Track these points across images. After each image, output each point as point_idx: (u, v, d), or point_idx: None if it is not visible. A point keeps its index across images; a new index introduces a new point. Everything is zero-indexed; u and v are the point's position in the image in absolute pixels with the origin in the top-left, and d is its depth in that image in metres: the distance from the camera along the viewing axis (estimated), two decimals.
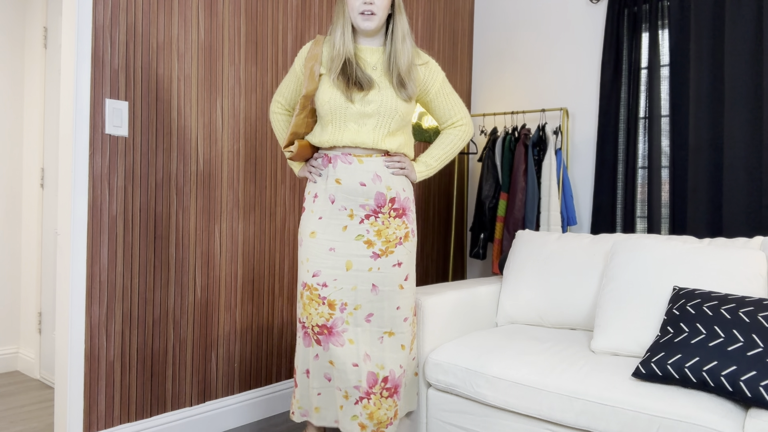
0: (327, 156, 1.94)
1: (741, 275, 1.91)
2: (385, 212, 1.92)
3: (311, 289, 1.90)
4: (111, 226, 2.17)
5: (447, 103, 2.03)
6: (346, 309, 1.89)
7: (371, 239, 1.90)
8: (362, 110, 1.87)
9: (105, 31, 2.14)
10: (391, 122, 1.90)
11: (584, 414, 1.69)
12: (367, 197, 1.90)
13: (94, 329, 2.13)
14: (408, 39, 1.91)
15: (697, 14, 2.86)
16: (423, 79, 1.98)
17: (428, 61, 2.00)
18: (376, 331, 1.91)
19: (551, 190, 3.12)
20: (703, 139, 2.83)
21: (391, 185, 1.93)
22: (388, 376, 1.90)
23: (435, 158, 2.04)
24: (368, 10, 1.84)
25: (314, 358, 1.93)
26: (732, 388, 1.55)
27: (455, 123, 2.05)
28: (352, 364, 1.87)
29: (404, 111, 1.91)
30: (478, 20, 3.87)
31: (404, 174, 1.97)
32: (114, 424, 2.20)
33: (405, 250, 1.94)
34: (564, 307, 2.30)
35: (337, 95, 1.87)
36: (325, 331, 1.88)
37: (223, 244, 2.53)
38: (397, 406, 1.93)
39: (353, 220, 1.90)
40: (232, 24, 2.54)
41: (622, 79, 3.14)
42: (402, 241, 1.93)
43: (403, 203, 1.95)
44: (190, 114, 2.40)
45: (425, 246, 3.59)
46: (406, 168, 1.96)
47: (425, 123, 3.52)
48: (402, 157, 1.96)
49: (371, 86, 1.87)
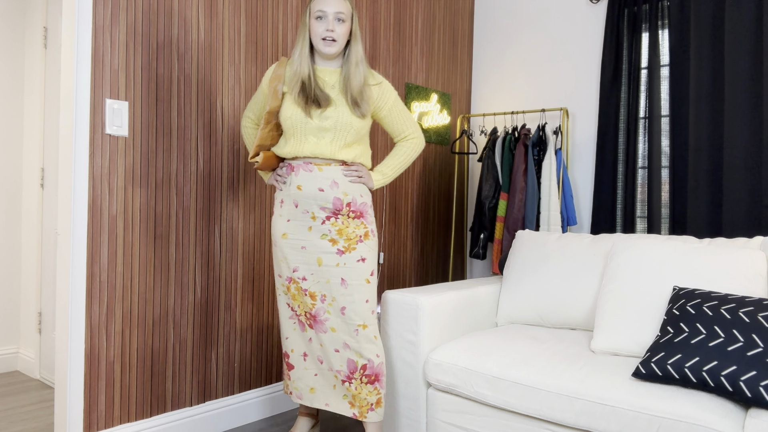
0: (290, 165, 2.14)
1: (741, 275, 1.92)
2: (344, 214, 2.11)
3: (295, 281, 2.13)
4: (111, 226, 2.17)
5: (399, 119, 2.24)
6: (326, 300, 2.10)
7: (334, 237, 2.10)
8: (320, 125, 2.07)
9: (105, 31, 2.14)
10: (346, 136, 2.10)
11: (584, 414, 1.69)
12: (326, 201, 2.10)
13: (94, 329, 2.13)
14: (361, 65, 2.11)
15: (697, 14, 2.86)
16: (376, 98, 2.17)
17: (381, 81, 2.19)
18: (351, 324, 2.07)
19: (551, 190, 3.12)
20: (703, 139, 2.84)
21: (348, 191, 2.12)
22: (366, 365, 2.07)
23: (390, 168, 2.25)
24: (329, 36, 2.05)
25: (309, 342, 2.16)
26: (732, 388, 1.55)
27: (407, 137, 2.27)
28: (334, 350, 2.10)
29: (359, 126, 2.11)
30: (478, 20, 3.87)
31: (362, 182, 2.16)
32: (114, 424, 2.20)
33: (366, 247, 2.12)
34: (564, 307, 2.30)
35: (298, 112, 2.07)
36: (311, 318, 2.13)
37: (223, 244, 2.53)
38: (380, 394, 2.08)
39: (315, 221, 2.11)
40: (232, 24, 2.54)
41: (622, 79, 3.14)
42: (362, 239, 2.12)
43: (360, 207, 2.14)
44: (190, 114, 2.40)
45: (425, 246, 3.59)
46: (363, 177, 2.15)
47: (425, 123, 3.52)
48: (359, 166, 2.16)
49: (328, 103, 2.07)
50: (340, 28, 2.05)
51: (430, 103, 3.55)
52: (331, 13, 2.04)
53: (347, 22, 2.07)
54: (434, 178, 3.64)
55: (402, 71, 3.37)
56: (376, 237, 2.18)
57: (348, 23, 2.08)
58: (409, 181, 3.45)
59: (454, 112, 3.77)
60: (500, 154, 3.32)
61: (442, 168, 3.70)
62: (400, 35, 3.35)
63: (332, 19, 2.04)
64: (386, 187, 3.28)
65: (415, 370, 2.14)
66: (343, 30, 2.06)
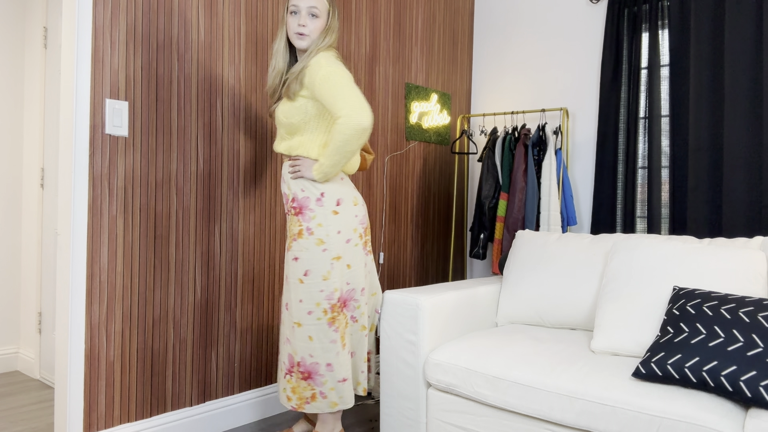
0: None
1: (741, 275, 1.91)
2: (288, 209, 2.16)
3: None
4: (111, 226, 2.17)
5: (329, 98, 1.96)
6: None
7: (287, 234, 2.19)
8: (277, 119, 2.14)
9: (105, 31, 2.14)
10: (283, 130, 2.12)
11: (584, 414, 1.69)
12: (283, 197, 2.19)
13: (94, 329, 2.13)
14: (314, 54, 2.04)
15: (697, 14, 2.86)
16: (308, 81, 2.02)
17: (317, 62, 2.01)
18: (290, 321, 2.12)
19: (551, 190, 3.12)
20: (703, 139, 2.83)
21: (291, 186, 2.13)
22: (300, 362, 2.10)
23: (325, 156, 2.03)
24: (300, 32, 2.06)
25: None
26: (732, 388, 1.55)
27: (337, 118, 1.96)
28: (283, 342, 2.18)
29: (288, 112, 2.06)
30: (478, 20, 3.87)
31: (298, 176, 2.09)
32: (114, 424, 2.20)
33: (299, 246, 2.09)
34: (564, 307, 2.30)
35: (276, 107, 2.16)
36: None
37: (223, 244, 2.53)
38: (315, 390, 2.10)
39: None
40: (232, 24, 2.54)
41: (622, 79, 3.14)
42: (296, 238, 2.10)
43: (301, 202, 2.10)
44: (190, 114, 2.40)
45: (425, 246, 3.59)
46: (300, 170, 2.09)
47: (425, 123, 3.52)
48: (300, 159, 2.10)
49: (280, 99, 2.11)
50: (312, 23, 2.05)
51: (430, 103, 3.55)
52: (304, 8, 2.05)
53: (321, 17, 2.07)
54: (434, 178, 3.64)
55: (402, 71, 3.37)
56: (312, 235, 2.08)
57: (323, 19, 2.08)
58: (409, 181, 3.45)
59: (454, 112, 3.77)
60: (500, 154, 3.32)
61: (442, 168, 3.70)
62: (400, 35, 3.35)
63: (305, 14, 2.05)
64: (386, 187, 3.28)
65: (415, 370, 2.14)
66: (316, 25, 2.06)
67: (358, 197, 2.19)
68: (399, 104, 3.36)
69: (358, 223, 2.16)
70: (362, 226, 2.18)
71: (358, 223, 2.16)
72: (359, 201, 2.19)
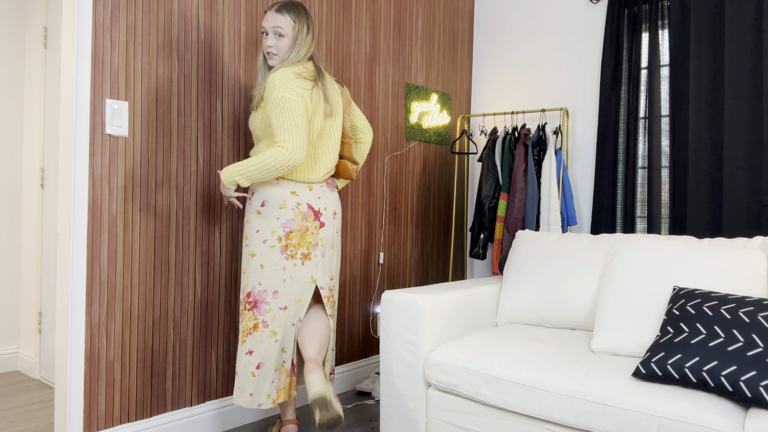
0: None
1: (741, 275, 1.91)
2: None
3: None
4: (111, 226, 2.17)
5: (275, 122, 2.07)
6: None
7: None
8: None
9: (105, 31, 2.14)
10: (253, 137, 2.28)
11: (584, 414, 1.69)
12: None
13: (94, 329, 2.13)
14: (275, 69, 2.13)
15: (697, 14, 2.86)
16: (265, 96, 2.11)
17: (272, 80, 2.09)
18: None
19: (551, 190, 3.12)
20: (703, 139, 2.84)
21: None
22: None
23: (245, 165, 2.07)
24: (269, 51, 2.21)
25: None
26: (732, 388, 1.55)
27: (276, 142, 2.05)
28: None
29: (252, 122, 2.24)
30: (478, 20, 3.87)
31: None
32: (114, 424, 2.20)
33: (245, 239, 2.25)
34: (564, 307, 2.30)
35: None
36: None
37: (223, 244, 2.53)
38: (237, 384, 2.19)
39: None
40: (232, 24, 2.54)
41: (622, 79, 3.14)
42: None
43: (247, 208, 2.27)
44: (190, 114, 2.40)
45: (425, 246, 3.59)
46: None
47: (425, 123, 3.52)
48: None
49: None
50: (279, 42, 2.19)
51: (430, 103, 3.55)
52: (270, 29, 2.19)
53: (287, 35, 2.18)
54: (434, 178, 3.64)
55: (402, 71, 3.37)
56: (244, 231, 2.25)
57: (289, 37, 2.18)
58: (409, 181, 3.45)
59: (454, 112, 3.77)
60: (500, 154, 3.32)
61: (442, 168, 3.70)
62: (400, 35, 3.35)
63: (272, 34, 2.19)
64: (386, 187, 3.28)
65: (415, 370, 2.14)
66: (283, 44, 2.19)
67: (288, 201, 2.15)
68: (399, 104, 3.36)
69: (278, 226, 2.14)
70: (283, 229, 2.14)
71: (279, 226, 2.14)
72: (290, 205, 2.15)
